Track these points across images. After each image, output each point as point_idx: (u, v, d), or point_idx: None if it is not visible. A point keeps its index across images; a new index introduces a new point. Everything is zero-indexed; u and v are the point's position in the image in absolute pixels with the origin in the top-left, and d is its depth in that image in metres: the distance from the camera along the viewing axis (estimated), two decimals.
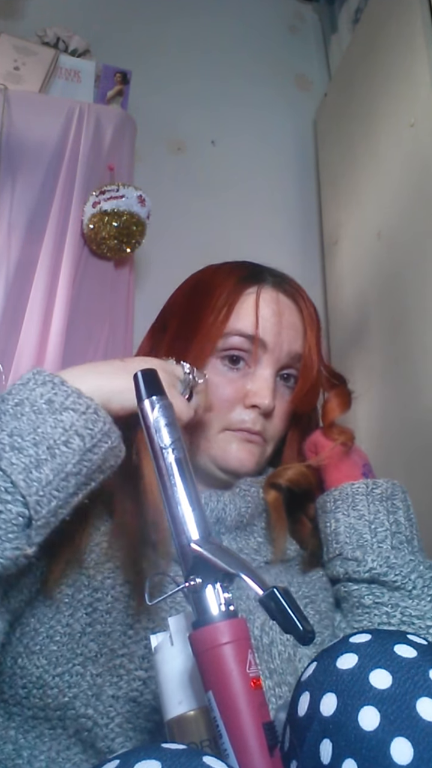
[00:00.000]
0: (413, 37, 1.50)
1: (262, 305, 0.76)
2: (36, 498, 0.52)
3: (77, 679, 0.59)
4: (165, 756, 0.36)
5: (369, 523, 0.71)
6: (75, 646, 0.61)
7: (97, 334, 1.57)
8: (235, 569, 0.45)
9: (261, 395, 0.74)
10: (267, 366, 0.76)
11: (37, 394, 0.57)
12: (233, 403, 0.75)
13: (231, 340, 0.75)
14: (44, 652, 0.60)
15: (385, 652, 0.41)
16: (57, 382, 0.58)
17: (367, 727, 0.38)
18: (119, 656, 0.60)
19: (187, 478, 0.49)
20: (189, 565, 0.46)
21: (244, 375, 0.76)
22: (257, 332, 0.75)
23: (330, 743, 0.39)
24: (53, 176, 1.59)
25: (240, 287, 0.78)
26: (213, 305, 0.76)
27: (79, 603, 0.63)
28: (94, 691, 0.59)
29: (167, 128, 1.97)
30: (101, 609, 0.62)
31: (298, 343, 0.78)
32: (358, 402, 1.66)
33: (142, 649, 0.61)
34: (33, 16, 1.87)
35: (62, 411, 0.56)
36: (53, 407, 0.56)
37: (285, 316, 0.78)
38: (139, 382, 0.52)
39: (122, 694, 0.59)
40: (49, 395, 0.57)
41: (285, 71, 2.18)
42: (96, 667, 0.60)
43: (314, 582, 0.74)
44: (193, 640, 0.44)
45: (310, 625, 0.42)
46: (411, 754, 0.37)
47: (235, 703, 0.41)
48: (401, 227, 1.53)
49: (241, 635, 0.43)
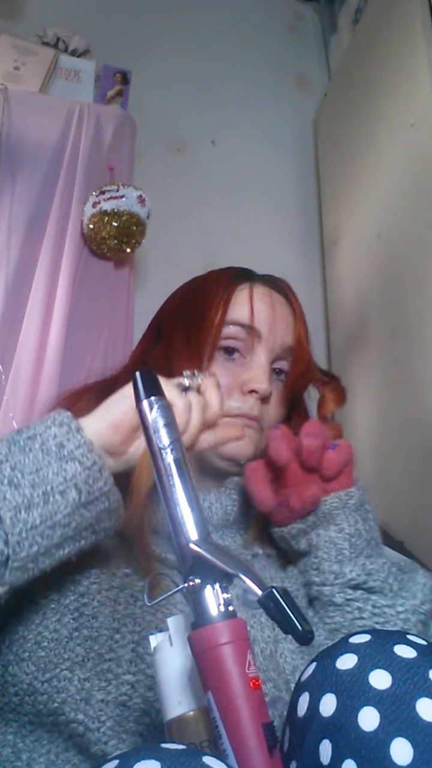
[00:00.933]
0: (413, 37, 1.50)
1: (255, 297, 0.79)
2: (17, 539, 0.53)
3: (65, 684, 0.59)
4: (164, 756, 0.36)
5: (349, 537, 0.72)
6: (62, 651, 0.61)
7: (97, 334, 1.57)
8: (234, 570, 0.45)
9: (258, 380, 0.76)
10: (261, 354, 0.78)
11: (51, 434, 0.58)
12: (231, 391, 0.77)
13: (227, 330, 0.78)
14: (33, 658, 0.60)
15: (384, 652, 0.41)
16: (73, 428, 0.58)
17: (366, 728, 0.38)
18: (106, 660, 0.60)
19: (186, 479, 0.49)
20: (188, 566, 0.46)
21: (240, 365, 0.78)
22: (253, 321, 0.77)
23: (330, 744, 0.39)
24: (53, 176, 1.59)
25: (233, 283, 0.81)
26: (209, 303, 0.79)
27: (65, 608, 0.63)
28: (82, 696, 0.59)
29: (167, 128, 1.97)
30: (87, 614, 0.63)
31: (290, 336, 0.81)
32: (357, 402, 1.67)
33: (130, 653, 0.61)
34: (33, 16, 1.87)
35: (69, 460, 0.57)
36: (62, 453, 0.57)
37: (277, 309, 0.80)
38: (138, 383, 0.52)
39: (111, 698, 0.59)
40: (61, 439, 0.57)
41: (285, 71, 2.18)
42: (84, 671, 0.60)
43: (295, 577, 0.75)
44: (193, 641, 0.44)
45: (309, 625, 0.42)
46: (411, 755, 0.37)
47: (235, 703, 0.41)
48: (401, 227, 1.53)
49: (241, 635, 0.43)
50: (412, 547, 1.37)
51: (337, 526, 0.72)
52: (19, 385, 1.43)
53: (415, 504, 1.41)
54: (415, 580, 0.71)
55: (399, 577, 0.71)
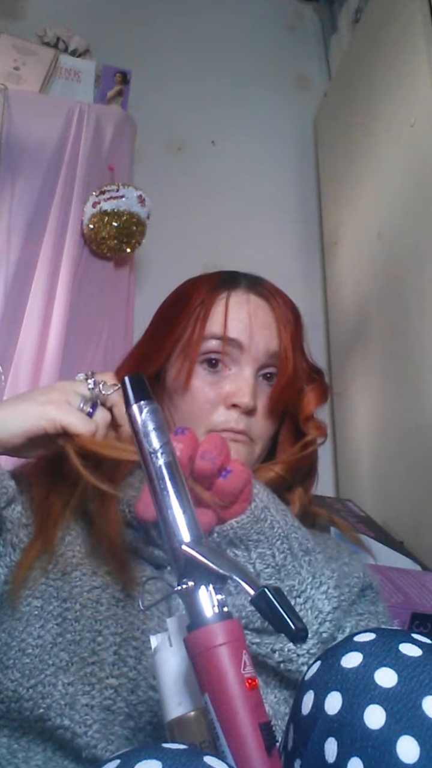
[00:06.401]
0: (413, 37, 1.50)
1: (233, 308, 0.78)
2: None
3: (50, 689, 0.59)
4: (166, 756, 0.36)
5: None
6: (47, 656, 0.61)
7: (97, 334, 1.57)
8: (226, 571, 0.45)
9: (240, 394, 0.75)
10: (246, 366, 0.77)
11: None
12: (215, 404, 0.76)
13: (206, 345, 0.77)
14: (18, 665, 0.60)
15: (390, 650, 0.41)
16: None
17: (372, 726, 0.38)
18: (89, 664, 0.60)
19: (177, 481, 0.49)
20: (181, 568, 0.46)
21: (223, 377, 0.77)
22: (226, 333, 0.76)
23: (335, 742, 0.38)
24: (53, 176, 1.59)
25: (212, 294, 0.79)
26: (188, 317, 0.79)
27: (49, 614, 0.63)
28: (67, 701, 0.58)
29: (167, 128, 1.97)
30: (70, 618, 0.62)
31: (274, 341, 0.79)
32: (357, 402, 1.67)
33: (112, 656, 0.60)
34: (33, 16, 1.87)
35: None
36: None
37: (258, 317, 0.79)
38: (127, 388, 0.52)
39: (96, 703, 0.58)
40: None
41: (285, 71, 2.18)
42: (67, 676, 0.60)
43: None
44: (188, 643, 0.44)
45: (302, 623, 0.42)
46: (417, 753, 0.36)
47: (231, 704, 0.41)
48: (401, 227, 1.53)
49: (236, 636, 0.43)
50: (412, 547, 1.37)
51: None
52: (19, 385, 1.43)
53: (415, 504, 1.40)
54: (314, 602, 0.64)
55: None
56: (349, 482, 1.69)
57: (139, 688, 0.59)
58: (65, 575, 0.65)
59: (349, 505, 1.49)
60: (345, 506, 1.47)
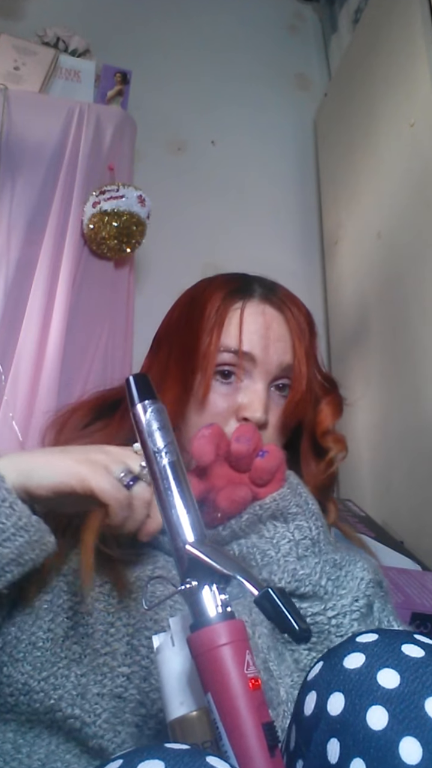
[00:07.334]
0: (413, 37, 1.50)
1: (248, 320, 0.76)
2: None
3: (62, 680, 0.60)
4: (168, 756, 0.36)
5: (270, 539, 0.69)
6: (59, 650, 0.61)
7: (97, 334, 1.57)
8: (230, 570, 0.45)
9: (252, 408, 0.74)
10: (259, 379, 0.76)
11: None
12: (227, 417, 0.75)
13: (221, 357, 0.75)
14: (28, 658, 0.61)
15: (392, 651, 0.41)
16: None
17: (375, 727, 0.38)
18: (102, 655, 0.61)
19: (182, 481, 0.49)
20: (185, 568, 0.46)
21: (236, 389, 0.76)
22: (241, 347, 0.75)
23: (338, 742, 0.39)
24: (53, 176, 1.59)
25: (227, 303, 0.78)
26: (204, 325, 0.77)
27: (59, 608, 0.63)
28: (78, 691, 0.60)
29: (167, 128, 1.97)
30: (82, 611, 0.63)
31: (288, 354, 0.78)
32: (357, 403, 1.67)
33: (125, 646, 0.61)
34: (33, 16, 1.87)
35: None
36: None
37: (273, 329, 0.77)
38: (131, 387, 0.52)
39: (107, 691, 0.59)
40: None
41: (285, 71, 2.18)
42: (80, 667, 0.61)
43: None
44: (191, 643, 0.44)
45: (306, 624, 0.42)
46: (420, 754, 0.36)
47: (234, 704, 0.41)
48: (401, 227, 1.53)
49: (239, 636, 0.43)
50: (412, 547, 1.37)
51: (257, 532, 0.69)
52: (19, 385, 1.43)
53: (415, 504, 1.41)
54: (353, 574, 0.67)
55: (334, 575, 0.66)
56: (349, 482, 1.69)
57: (151, 675, 0.59)
58: (76, 571, 0.65)
59: (349, 505, 1.50)
60: (345, 506, 1.47)
